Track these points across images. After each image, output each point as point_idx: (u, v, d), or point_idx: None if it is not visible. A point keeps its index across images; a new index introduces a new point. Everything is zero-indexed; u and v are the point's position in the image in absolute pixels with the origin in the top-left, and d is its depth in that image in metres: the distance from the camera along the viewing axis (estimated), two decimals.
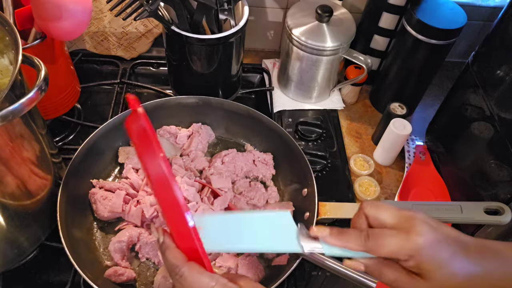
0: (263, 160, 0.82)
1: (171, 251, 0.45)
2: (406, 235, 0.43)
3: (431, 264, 0.43)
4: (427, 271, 0.43)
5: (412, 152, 0.89)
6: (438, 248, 0.43)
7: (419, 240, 0.43)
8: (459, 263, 0.43)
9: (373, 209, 0.46)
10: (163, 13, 0.78)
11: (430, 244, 0.43)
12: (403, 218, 0.45)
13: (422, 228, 0.43)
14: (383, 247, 0.44)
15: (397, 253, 0.44)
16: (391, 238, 0.44)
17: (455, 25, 0.78)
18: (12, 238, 0.63)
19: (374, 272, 0.47)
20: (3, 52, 0.57)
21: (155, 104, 0.81)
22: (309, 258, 0.61)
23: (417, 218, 0.44)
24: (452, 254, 0.43)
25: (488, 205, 0.69)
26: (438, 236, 0.44)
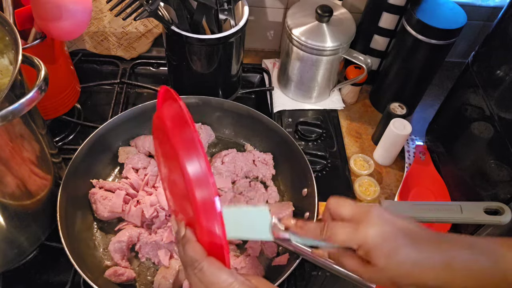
0: (263, 160, 0.82)
1: (192, 245, 0.45)
2: (356, 226, 0.48)
3: (378, 253, 0.46)
4: (375, 259, 0.47)
5: (412, 152, 0.89)
6: (386, 238, 0.47)
7: (367, 231, 0.47)
8: (407, 253, 0.46)
9: (334, 204, 0.51)
10: (163, 13, 0.78)
11: (378, 235, 0.47)
12: (358, 212, 0.49)
13: (373, 221, 0.48)
14: (335, 236, 0.49)
15: (348, 242, 0.48)
16: (343, 229, 0.49)
17: (455, 25, 0.78)
18: (12, 238, 0.63)
19: (335, 259, 0.52)
20: (3, 52, 0.57)
21: (155, 104, 0.81)
22: (309, 258, 0.61)
23: (371, 212, 0.49)
24: (401, 244, 0.47)
25: (488, 205, 0.69)
26: (388, 227, 0.47)
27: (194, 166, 0.42)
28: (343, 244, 0.49)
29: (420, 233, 0.48)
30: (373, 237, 0.47)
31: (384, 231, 0.47)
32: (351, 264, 0.50)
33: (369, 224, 0.48)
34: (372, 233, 0.47)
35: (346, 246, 0.49)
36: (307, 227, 0.52)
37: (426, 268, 0.46)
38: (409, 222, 0.49)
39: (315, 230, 0.51)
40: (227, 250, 0.44)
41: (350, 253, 0.50)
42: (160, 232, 0.70)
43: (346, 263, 0.51)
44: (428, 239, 0.48)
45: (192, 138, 0.42)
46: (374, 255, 0.47)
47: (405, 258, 0.46)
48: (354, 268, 0.50)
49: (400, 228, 0.48)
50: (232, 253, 0.71)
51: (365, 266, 0.49)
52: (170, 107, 0.47)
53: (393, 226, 0.48)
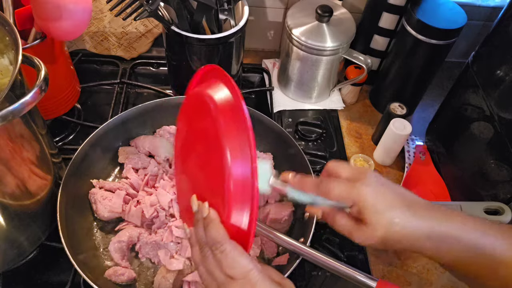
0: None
1: (215, 226, 0.45)
2: (353, 183, 0.49)
3: (371, 211, 0.48)
4: (367, 217, 0.48)
5: (412, 152, 0.89)
6: (380, 198, 0.48)
7: (363, 189, 0.48)
8: (399, 214, 0.47)
9: (333, 165, 0.53)
10: (163, 13, 0.78)
11: (372, 194, 0.48)
12: (356, 172, 0.51)
13: (369, 180, 0.49)
14: (332, 190, 0.50)
15: (343, 198, 0.49)
16: (340, 185, 0.50)
17: (455, 25, 0.78)
18: (12, 238, 0.63)
19: (328, 218, 0.53)
20: (3, 52, 0.57)
21: (155, 104, 0.81)
22: (309, 258, 0.61)
23: (369, 173, 0.50)
24: (394, 206, 0.48)
25: (488, 205, 0.69)
26: (383, 189, 0.49)
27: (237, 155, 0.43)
28: (338, 199, 0.50)
29: (415, 200, 0.50)
30: (368, 194, 0.48)
31: (379, 191, 0.49)
32: (343, 223, 0.51)
33: (366, 182, 0.49)
34: (367, 191, 0.48)
35: (340, 202, 0.50)
36: (304, 180, 0.52)
37: (414, 234, 0.47)
38: (405, 189, 0.50)
39: (312, 184, 0.52)
40: (253, 238, 0.44)
41: (343, 213, 0.51)
42: (160, 232, 0.70)
43: (339, 222, 0.51)
44: (422, 206, 0.49)
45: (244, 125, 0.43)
46: (368, 212, 0.48)
47: (397, 219, 0.47)
48: (346, 227, 0.51)
49: (395, 191, 0.49)
50: None
51: (357, 224, 0.50)
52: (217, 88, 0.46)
53: (389, 189, 0.49)
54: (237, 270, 0.43)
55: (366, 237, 0.49)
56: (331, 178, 0.51)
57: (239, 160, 0.42)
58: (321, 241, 0.76)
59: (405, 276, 0.74)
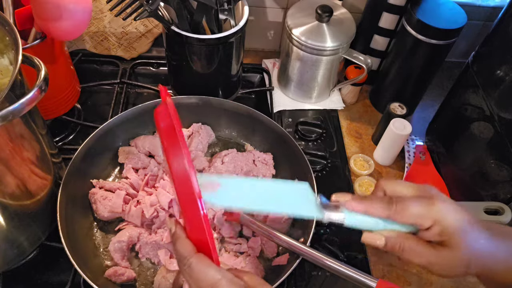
0: (263, 160, 0.82)
1: (181, 241, 0.45)
2: (429, 201, 0.43)
3: (456, 229, 0.42)
4: (451, 236, 0.42)
5: (412, 152, 0.89)
6: (462, 216, 0.43)
7: (444, 206, 0.43)
8: (481, 234, 0.43)
9: (390, 183, 0.47)
10: (163, 13, 0.78)
11: (454, 212, 0.43)
12: (421, 189, 0.45)
13: (444, 197, 0.44)
14: (407, 211, 0.43)
15: (422, 218, 0.43)
16: (415, 203, 0.44)
17: (455, 25, 0.78)
18: (12, 238, 0.63)
19: (395, 246, 0.45)
20: (3, 52, 0.57)
21: (155, 104, 0.81)
22: (309, 258, 0.61)
23: (435, 189, 0.45)
24: (473, 222, 0.43)
25: (488, 205, 0.69)
26: (459, 206, 0.44)
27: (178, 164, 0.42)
28: (416, 219, 0.44)
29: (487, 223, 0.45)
30: (450, 211, 0.43)
31: (459, 209, 0.43)
32: (418, 249, 0.44)
33: (443, 199, 0.44)
34: (448, 207, 0.43)
35: (415, 225, 0.44)
36: (369, 200, 0.45)
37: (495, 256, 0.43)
38: None
39: (380, 205, 0.45)
40: (214, 247, 0.44)
41: (413, 237, 0.45)
42: (160, 232, 0.70)
43: (414, 250, 0.44)
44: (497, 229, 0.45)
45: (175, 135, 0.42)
46: (452, 231, 0.42)
47: (482, 241, 0.43)
48: (425, 255, 0.44)
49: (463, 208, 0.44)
50: (232, 253, 0.71)
51: (434, 248, 0.44)
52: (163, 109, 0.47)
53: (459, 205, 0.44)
54: (205, 282, 0.43)
55: (452, 264, 0.43)
56: (403, 198, 0.45)
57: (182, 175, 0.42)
58: (321, 241, 0.76)
59: (405, 276, 0.74)
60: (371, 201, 0.46)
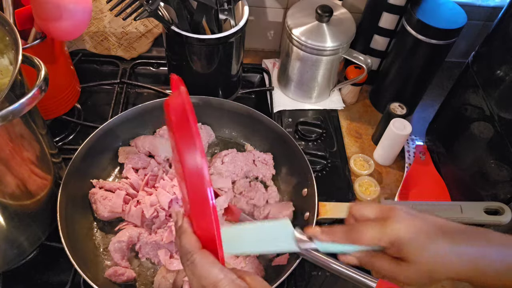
0: (263, 160, 0.82)
1: (187, 236, 0.44)
2: (384, 223, 0.47)
3: (412, 247, 0.46)
4: (409, 254, 0.46)
5: (412, 152, 0.89)
6: (417, 232, 0.46)
7: (397, 226, 0.46)
8: (441, 245, 0.46)
9: (357, 207, 0.51)
10: (163, 13, 0.78)
11: (408, 229, 0.46)
12: (383, 210, 0.49)
13: (400, 216, 0.47)
14: (364, 236, 0.48)
15: (378, 241, 0.47)
16: (371, 228, 0.48)
17: (455, 25, 0.78)
18: (12, 238, 0.63)
19: (366, 264, 0.50)
20: (3, 52, 0.57)
21: (155, 104, 0.81)
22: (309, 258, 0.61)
23: (396, 209, 0.48)
24: (432, 237, 0.46)
25: (488, 205, 0.69)
26: (417, 222, 0.47)
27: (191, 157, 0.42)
28: (373, 243, 0.48)
29: (452, 226, 0.48)
30: (404, 231, 0.46)
31: (413, 224, 0.46)
32: (384, 266, 0.48)
33: (397, 219, 0.47)
34: (401, 228, 0.46)
35: (375, 245, 0.48)
36: (333, 231, 0.51)
37: (460, 261, 0.45)
38: (434, 216, 0.48)
39: (342, 234, 0.50)
40: (220, 244, 0.43)
41: (380, 255, 0.49)
42: (160, 232, 0.70)
43: (379, 265, 0.49)
44: (461, 232, 0.47)
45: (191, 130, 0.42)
46: (408, 249, 0.46)
47: (440, 250, 0.45)
48: (388, 269, 0.48)
49: (431, 221, 0.47)
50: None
51: (399, 265, 0.47)
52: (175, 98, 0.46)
53: (422, 220, 0.47)
54: (207, 280, 0.42)
55: (412, 275, 0.46)
56: (360, 223, 0.50)
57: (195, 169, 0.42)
58: None
59: None
60: (334, 232, 0.51)
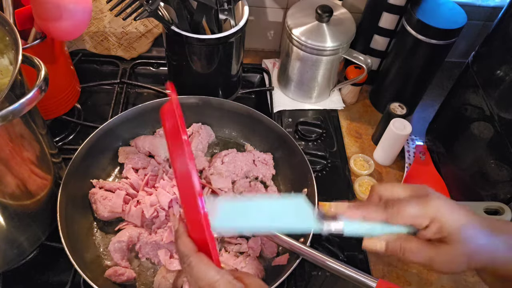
0: (263, 160, 0.82)
1: (182, 239, 0.45)
2: (424, 200, 0.44)
3: (454, 224, 0.43)
4: (450, 232, 0.43)
5: (412, 152, 0.89)
6: (455, 212, 0.44)
7: (439, 203, 0.44)
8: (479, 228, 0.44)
9: (385, 187, 0.48)
10: (163, 13, 0.78)
11: (449, 207, 0.44)
12: (415, 189, 0.46)
13: (438, 194, 0.45)
14: (404, 212, 0.44)
15: (419, 218, 0.44)
16: (411, 204, 0.44)
17: (455, 25, 0.78)
18: (12, 238, 0.63)
19: (395, 248, 0.46)
20: (3, 52, 0.57)
21: (155, 104, 0.81)
22: (309, 258, 0.61)
23: (430, 188, 0.46)
24: (471, 219, 0.44)
25: (488, 205, 0.69)
26: (453, 202, 0.45)
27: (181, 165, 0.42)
28: (414, 219, 0.44)
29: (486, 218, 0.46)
30: (446, 208, 0.43)
31: (452, 204, 0.44)
32: (420, 249, 0.44)
33: (437, 197, 0.44)
34: (443, 204, 0.44)
35: (413, 225, 0.45)
36: (365, 206, 0.47)
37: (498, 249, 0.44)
38: None
39: (375, 208, 0.46)
40: (214, 247, 0.44)
41: (412, 238, 0.45)
42: (160, 232, 0.70)
43: (414, 250, 0.45)
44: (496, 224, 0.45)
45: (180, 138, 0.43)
46: (451, 226, 0.43)
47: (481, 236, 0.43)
48: (425, 253, 0.44)
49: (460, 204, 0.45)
50: (232, 253, 0.71)
51: (437, 247, 0.44)
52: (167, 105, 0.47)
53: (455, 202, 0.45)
54: (204, 281, 0.43)
55: (453, 259, 0.43)
56: (398, 201, 0.45)
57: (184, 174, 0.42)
58: (321, 241, 0.75)
59: (405, 276, 0.74)
60: (367, 207, 0.47)
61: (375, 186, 0.49)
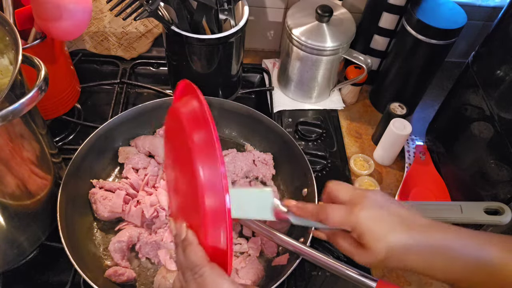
0: (263, 160, 0.82)
1: (194, 248, 0.44)
2: (350, 209, 0.50)
3: (370, 236, 0.48)
4: (367, 242, 0.48)
5: (412, 152, 0.89)
6: (379, 223, 0.48)
7: (361, 214, 0.49)
8: (398, 237, 0.48)
9: (332, 188, 0.53)
10: (163, 13, 0.78)
11: (370, 218, 0.48)
12: (355, 195, 0.51)
13: (367, 204, 0.49)
14: (330, 218, 0.51)
15: (342, 224, 0.50)
16: (338, 211, 0.51)
17: (455, 25, 0.78)
18: (12, 238, 0.63)
19: (332, 240, 0.55)
20: (3, 52, 0.57)
21: (155, 104, 0.81)
22: (309, 258, 0.61)
23: (367, 196, 0.50)
24: (392, 229, 0.48)
25: (488, 205, 0.69)
26: (381, 212, 0.49)
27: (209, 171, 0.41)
28: (337, 226, 0.51)
29: (413, 219, 0.50)
30: (365, 220, 0.49)
31: (377, 215, 0.49)
32: (345, 246, 0.52)
33: (363, 207, 0.49)
34: (364, 216, 0.49)
35: (340, 227, 0.51)
36: (305, 208, 0.54)
37: (414, 254, 0.48)
38: (402, 207, 0.51)
39: (313, 211, 0.53)
40: (231, 259, 0.43)
41: (345, 235, 0.52)
42: (160, 232, 0.70)
43: (341, 244, 0.53)
44: (420, 225, 0.49)
45: (211, 141, 0.41)
46: (366, 238, 0.48)
47: (396, 243, 0.48)
48: (348, 250, 0.52)
49: (393, 213, 0.49)
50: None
51: (358, 249, 0.50)
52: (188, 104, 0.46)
53: (387, 211, 0.49)
54: None
55: (368, 260, 0.50)
56: (329, 205, 0.52)
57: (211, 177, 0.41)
58: (321, 241, 0.75)
59: (405, 276, 0.74)
60: (306, 209, 0.53)
61: (328, 182, 0.55)
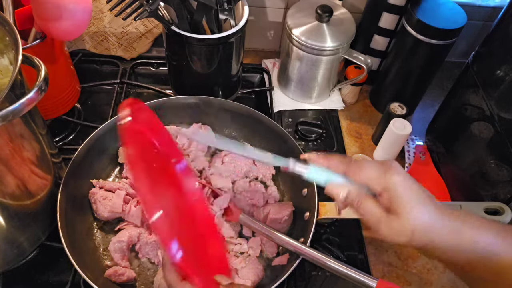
0: None
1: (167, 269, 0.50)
2: (385, 169, 0.48)
3: (404, 200, 0.46)
4: (398, 206, 0.46)
5: (412, 152, 0.89)
6: (410, 191, 0.47)
7: (395, 177, 0.47)
8: (428, 210, 0.46)
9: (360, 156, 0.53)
10: (163, 13, 0.78)
11: (404, 185, 0.47)
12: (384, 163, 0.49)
13: (401, 171, 0.48)
14: (363, 171, 0.48)
15: (373, 181, 0.48)
16: (372, 167, 0.49)
17: (455, 25, 0.78)
18: (12, 238, 0.63)
19: (354, 200, 0.49)
20: (3, 52, 0.57)
21: (155, 104, 0.81)
22: (309, 258, 0.61)
23: (399, 166, 0.49)
24: (424, 201, 0.47)
25: (488, 205, 0.69)
26: (412, 182, 0.48)
27: None
28: (368, 181, 0.48)
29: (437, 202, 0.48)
30: (399, 184, 0.47)
31: (410, 184, 0.47)
32: (373, 210, 0.48)
33: (398, 172, 0.48)
34: (399, 180, 0.47)
35: (369, 184, 0.48)
36: (332, 157, 0.51)
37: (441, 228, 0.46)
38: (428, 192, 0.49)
39: (340, 160, 0.50)
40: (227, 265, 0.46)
41: (371, 198, 0.49)
42: None
43: (367, 208, 0.48)
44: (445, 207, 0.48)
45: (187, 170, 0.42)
46: (400, 201, 0.46)
47: (426, 213, 0.46)
48: (375, 215, 0.48)
49: (423, 189, 0.48)
50: (232, 253, 0.71)
51: (387, 215, 0.47)
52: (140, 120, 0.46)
53: (417, 184, 0.48)
54: None
55: (397, 230, 0.46)
56: (362, 161, 0.50)
57: None
58: (321, 241, 0.76)
59: (405, 276, 0.74)
60: (333, 158, 0.51)
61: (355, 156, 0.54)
